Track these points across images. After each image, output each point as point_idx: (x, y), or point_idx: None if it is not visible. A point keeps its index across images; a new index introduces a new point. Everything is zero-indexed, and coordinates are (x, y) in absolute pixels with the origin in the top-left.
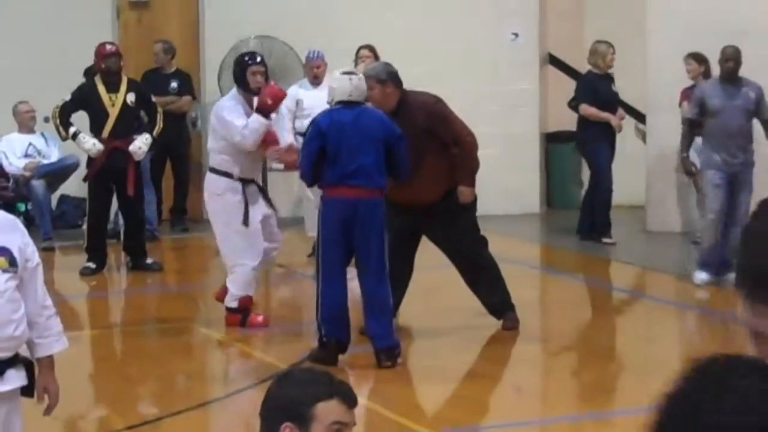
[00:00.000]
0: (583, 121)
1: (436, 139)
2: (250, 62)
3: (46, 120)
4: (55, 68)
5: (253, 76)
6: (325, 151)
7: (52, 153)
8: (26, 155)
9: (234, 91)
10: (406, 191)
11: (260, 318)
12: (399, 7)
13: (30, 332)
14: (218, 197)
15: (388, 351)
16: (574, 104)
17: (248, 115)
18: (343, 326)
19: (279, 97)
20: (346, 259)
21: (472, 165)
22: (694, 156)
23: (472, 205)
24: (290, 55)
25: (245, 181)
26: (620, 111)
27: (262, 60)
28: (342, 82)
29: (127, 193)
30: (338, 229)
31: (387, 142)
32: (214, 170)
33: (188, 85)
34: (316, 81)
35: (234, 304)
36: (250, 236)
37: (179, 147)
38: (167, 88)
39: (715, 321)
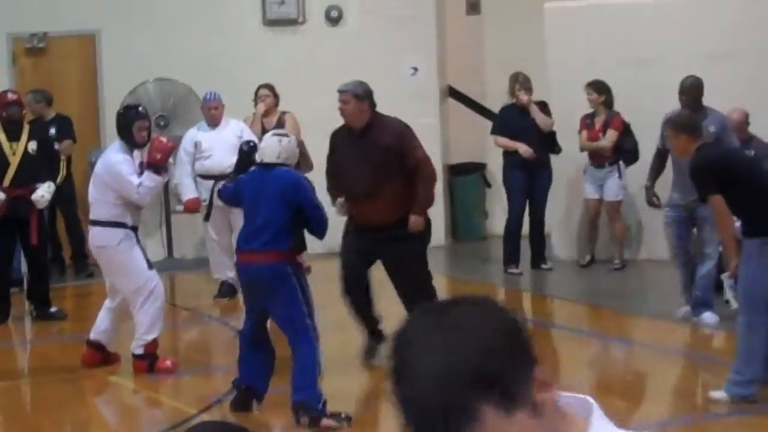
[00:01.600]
0: (503, 152)
1: (398, 162)
2: (136, 117)
3: None
4: None
5: (139, 131)
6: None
7: None
8: None
9: (119, 142)
10: (363, 211)
11: (168, 362)
12: (297, 43)
13: None
14: (114, 248)
15: (305, 405)
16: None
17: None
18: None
19: (168, 150)
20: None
21: (428, 196)
22: None
23: (424, 237)
24: (190, 97)
25: (135, 229)
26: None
27: (147, 114)
28: (271, 142)
29: (31, 242)
30: (246, 296)
31: (295, 204)
32: (101, 222)
33: (68, 129)
34: (213, 122)
35: (140, 351)
36: (151, 278)
37: (66, 191)
38: (47, 135)
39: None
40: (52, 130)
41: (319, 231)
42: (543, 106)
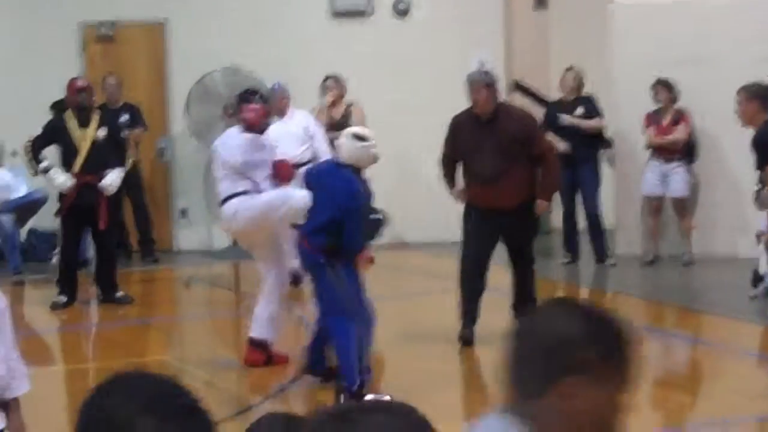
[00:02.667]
0: None
1: (524, 150)
2: (247, 99)
3: (14, 154)
4: (22, 103)
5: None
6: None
7: (20, 187)
8: None
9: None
10: (489, 195)
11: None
12: (366, 36)
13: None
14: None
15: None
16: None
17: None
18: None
19: (290, 175)
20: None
21: (554, 182)
22: None
23: (537, 223)
24: (257, 87)
25: None
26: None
27: (261, 97)
28: (349, 144)
29: (99, 228)
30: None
31: (343, 210)
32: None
33: (138, 116)
34: (280, 113)
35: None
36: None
37: (134, 178)
38: (117, 122)
39: (686, 345)
40: (125, 117)
41: (348, 244)
42: (588, 101)
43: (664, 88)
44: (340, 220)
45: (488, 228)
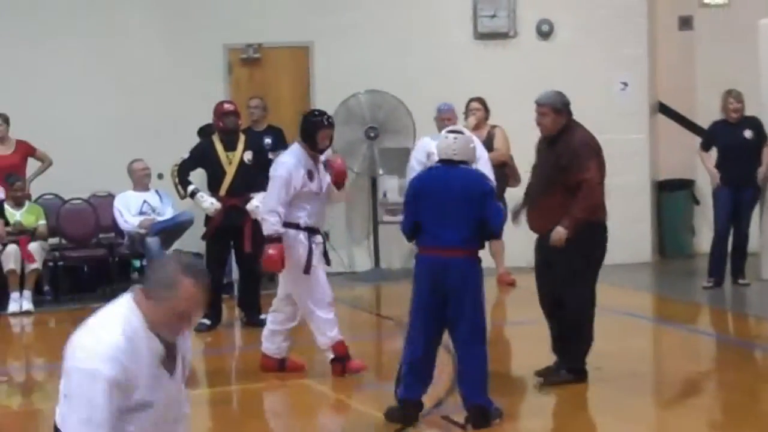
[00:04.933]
0: None
1: (563, 175)
2: (323, 126)
3: (160, 177)
4: (168, 125)
5: (323, 140)
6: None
7: (166, 210)
8: (141, 212)
9: (297, 146)
10: (529, 218)
11: (358, 362)
12: (510, 59)
13: None
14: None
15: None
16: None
17: (312, 170)
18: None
19: (343, 174)
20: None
21: (578, 212)
22: None
23: (587, 253)
24: (399, 109)
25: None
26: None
27: (332, 122)
28: (446, 141)
29: (244, 250)
30: (427, 290)
31: (479, 200)
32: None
33: (282, 139)
34: None
35: (331, 354)
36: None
37: None
38: (262, 145)
39: None
40: (267, 140)
41: (494, 226)
42: (755, 124)
43: None
44: (480, 215)
45: (539, 257)
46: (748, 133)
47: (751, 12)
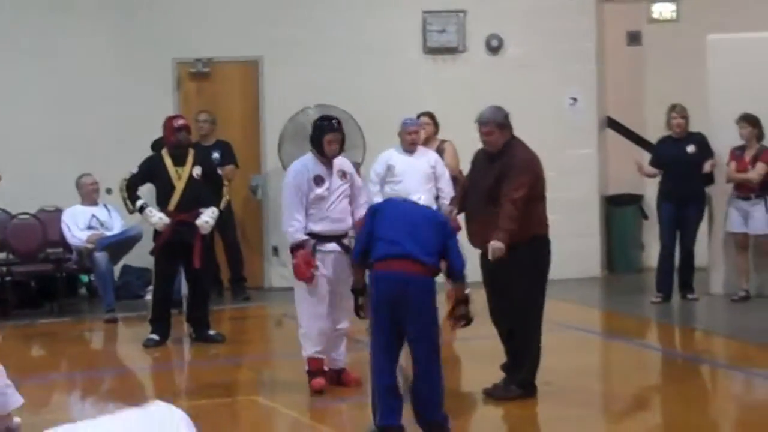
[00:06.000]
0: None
1: (505, 190)
2: (327, 130)
3: (109, 192)
4: (117, 139)
5: (329, 144)
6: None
7: (115, 224)
8: (89, 227)
9: (310, 154)
10: (468, 232)
11: (319, 381)
12: (459, 73)
13: None
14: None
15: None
16: None
17: (322, 176)
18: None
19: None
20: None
21: (506, 224)
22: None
23: (531, 267)
24: (349, 124)
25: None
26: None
27: (339, 126)
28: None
29: (194, 266)
30: (387, 315)
31: (443, 230)
32: None
33: (230, 154)
34: (411, 148)
35: (306, 367)
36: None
37: (226, 215)
38: (211, 160)
39: None
40: (216, 155)
41: (458, 264)
42: (699, 139)
43: (747, 123)
44: (443, 243)
45: (485, 273)
46: (690, 149)
47: (700, 28)
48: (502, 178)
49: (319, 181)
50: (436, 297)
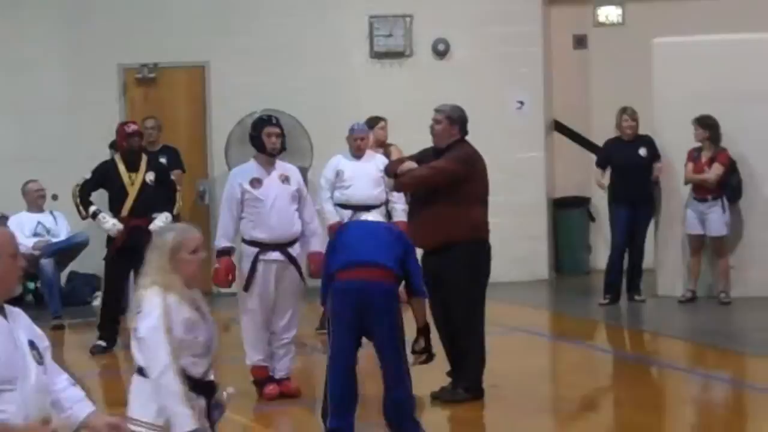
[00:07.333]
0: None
1: (448, 188)
2: (264, 123)
3: (55, 198)
4: (63, 145)
5: (269, 137)
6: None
7: (61, 231)
8: (35, 234)
9: (252, 160)
10: (410, 229)
11: (272, 389)
12: (406, 77)
13: (60, 409)
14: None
15: None
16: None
17: (260, 178)
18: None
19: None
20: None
21: (412, 175)
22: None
23: (472, 269)
24: (296, 129)
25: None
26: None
27: (278, 122)
28: None
29: None
30: (347, 323)
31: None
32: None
33: (176, 159)
34: (358, 153)
35: (251, 377)
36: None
37: (173, 221)
38: (164, 166)
39: (724, 386)
40: (162, 160)
41: (419, 281)
42: (648, 142)
43: (701, 126)
44: (403, 255)
45: (427, 275)
46: (642, 151)
47: (645, 31)
48: None
49: (255, 183)
50: (399, 303)
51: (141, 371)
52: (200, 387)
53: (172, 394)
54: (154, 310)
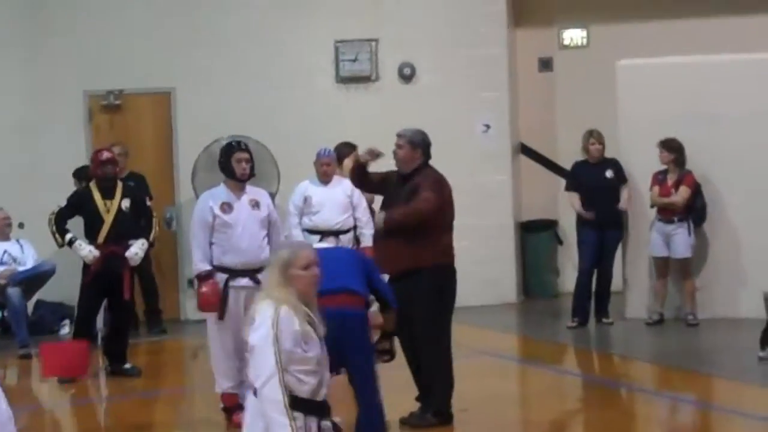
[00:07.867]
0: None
1: None
2: (233, 150)
3: (21, 226)
4: (29, 173)
5: (238, 163)
6: None
7: (28, 260)
8: (2, 263)
9: (222, 184)
10: (376, 255)
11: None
12: (371, 101)
13: None
14: None
15: None
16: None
17: (230, 202)
18: None
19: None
20: None
21: (403, 215)
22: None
23: (438, 295)
24: (263, 154)
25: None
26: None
27: (247, 147)
28: None
29: (122, 298)
30: None
31: (370, 264)
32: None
33: (143, 186)
34: (325, 179)
35: (221, 404)
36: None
37: None
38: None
39: (693, 409)
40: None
41: (391, 295)
42: (615, 164)
43: (666, 149)
44: (370, 274)
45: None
46: (609, 173)
47: (610, 54)
48: (412, 197)
49: (225, 207)
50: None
51: (255, 392)
52: (307, 406)
53: (275, 402)
54: (265, 321)
